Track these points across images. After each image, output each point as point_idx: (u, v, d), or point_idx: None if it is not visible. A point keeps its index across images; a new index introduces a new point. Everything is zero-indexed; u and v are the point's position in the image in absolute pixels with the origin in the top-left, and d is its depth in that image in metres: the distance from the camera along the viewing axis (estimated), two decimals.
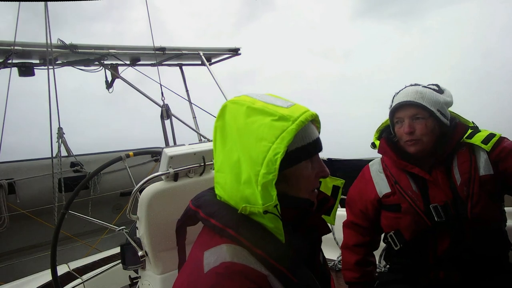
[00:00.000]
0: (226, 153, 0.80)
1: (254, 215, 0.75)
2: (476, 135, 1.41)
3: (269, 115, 0.75)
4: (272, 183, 0.71)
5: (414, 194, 1.42)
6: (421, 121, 1.37)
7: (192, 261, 0.77)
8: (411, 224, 1.42)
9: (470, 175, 1.36)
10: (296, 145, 0.76)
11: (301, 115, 0.75)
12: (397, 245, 1.49)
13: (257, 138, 0.73)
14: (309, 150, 0.79)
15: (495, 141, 1.37)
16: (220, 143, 0.83)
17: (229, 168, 0.78)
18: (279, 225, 0.73)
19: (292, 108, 0.77)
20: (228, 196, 0.79)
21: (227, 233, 0.74)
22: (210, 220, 0.77)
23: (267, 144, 0.71)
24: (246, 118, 0.76)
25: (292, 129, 0.72)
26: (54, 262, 1.65)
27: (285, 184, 0.77)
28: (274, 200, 0.71)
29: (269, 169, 0.70)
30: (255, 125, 0.75)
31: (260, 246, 0.73)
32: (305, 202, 0.83)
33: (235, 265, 0.70)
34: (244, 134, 0.76)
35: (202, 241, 0.80)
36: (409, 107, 1.39)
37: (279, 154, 0.70)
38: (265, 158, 0.71)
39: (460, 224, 1.35)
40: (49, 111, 3.56)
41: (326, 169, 0.84)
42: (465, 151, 1.40)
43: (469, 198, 1.34)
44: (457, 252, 1.37)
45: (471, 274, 1.37)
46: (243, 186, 0.74)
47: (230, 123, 0.80)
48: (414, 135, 1.38)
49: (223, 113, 0.83)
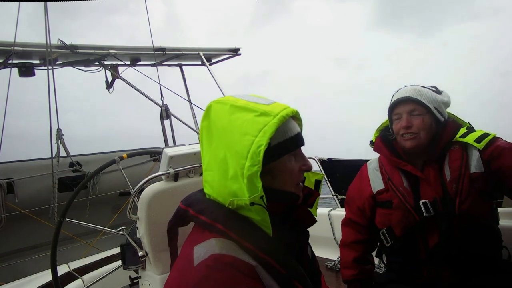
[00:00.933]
0: (212, 151, 0.83)
1: (242, 209, 0.78)
2: (470, 134, 1.43)
3: (252, 111, 0.79)
4: (257, 175, 0.74)
5: (405, 190, 1.45)
6: (419, 116, 1.41)
7: (182, 257, 0.79)
8: (401, 219, 1.44)
9: (460, 172, 1.38)
10: (278, 140, 0.80)
11: (282, 111, 0.79)
12: (388, 241, 1.52)
13: (241, 133, 0.77)
14: (291, 144, 0.83)
15: (488, 140, 1.38)
16: (207, 142, 0.86)
17: (216, 166, 0.81)
18: (265, 217, 0.76)
19: (273, 105, 0.82)
20: (217, 193, 0.81)
21: (216, 228, 0.77)
22: (200, 217, 0.80)
23: (251, 138, 0.75)
24: (230, 116, 0.80)
25: (273, 123, 0.76)
26: (54, 262, 1.65)
27: (270, 177, 0.81)
28: (260, 191, 0.74)
29: (253, 161, 0.73)
30: (238, 121, 0.79)
31: (248, 239, 0.75)
32: (290, 195, 0.86)
33: (224, 256, 0.72)
34: (229, 131, 0.79)
35: (192, 238, 0.82)
36: (407, 103, 1.43)
37: (262, 146, 0.74)
38: (249, 151, 0.74)
39: (448, 219, 1.37)
40: (49, 112, 3.57)
41: (309, 163, 0.87)
42: (458, 150, 1.42)
43: (458, 195, 1.36)
44: (446, 248, 1.38)
45: (462, 271, 1.37)
46: (230, 181, 0.77)
47: (215, 122, 0.83)
48: (411, 129, 1.41)
49: (208, 113, 0.86)
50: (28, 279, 2.27)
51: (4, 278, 3.04)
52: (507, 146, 1.36)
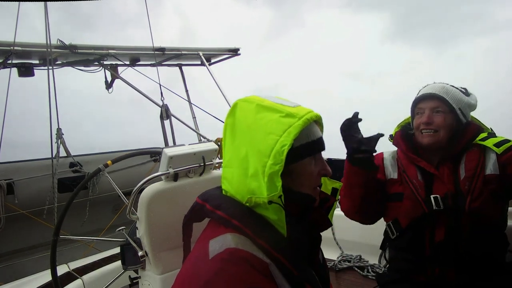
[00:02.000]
0: (235, 148, 0.85)
1: (259, 207, 0.78)
2: (490, 139, 1.43)
3: (277, 112, 0.80)
4: (278, 174, 0.75)
5: (418, 182, 1.45)
6: (441, 114, 1.41)
7: (197, 250, 0.80)
8: (410, 210, 1.44)
9: (475, 172, 1.38)
10: (301, 142, 0.81)
11: (307, 114, 0.81)
12: (394, 233, 1.51)
13: (266, 132, 0.78)
14: (313, 148, 0.85)
15: (509, 146, 1.38)
16: (230, 139, 0.87)
17: (237, 163, 0.82)
18: (282, 216, 0.77)
19: (298, 108, 0.83)
20: (235, 190, 0.82)
21: (232, 223, 0.77)
22: (216, 212, 0.81)
23: (275, 137, 0.77)
24: (255, 115, 0.82)
25: (298, 124, 0.78)
26: (54, 262, 1.64)
27: (290, 178, 0.81)
28: (279, 190, 0.75)
29: (276, 160, 0.75)
30: (264, 120, 0.80)
31: (263, 237, 0.76)
32: (307, 198, 0.87)
33: (239, 251, 0.73)
34: (254, 129, 0.81)
35: (207, 232, 0.82)
36: (431, 99, 1.43)
37: (286, 146, 0.75)
38: (273, 150, 0.76)
39: (457, 216, 1.37)
40: (49, 112, 3.57)
41: (328, 168, 0.89)
42: (476, 151, 1.42)
43: (470, 193, 1.36)
44: (452, 245, 1.37)
45: (467, 271, 1.36)
46: (250, 179, 0.78)
47: (240, 120, 0.85)
48: (431, 126, 1.41)
49: (233, 110, 0.88)
50: (28, 279, 2.26)
51: (4, 278, 3.04)
52: None
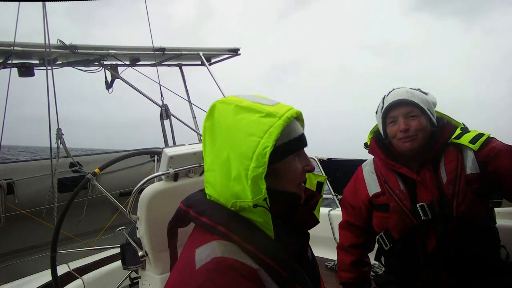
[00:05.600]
0: (215, 152, 0.83)
1: (244, 211, 0.77)
2: (464, 135, 1.42)
3: (257, 112, 0.79)
4: (261, 177, 0.74)
5: (401, 193, 1.44)
6: (415, 118, 1.41)
7: (183, 259, 0.78)
8: (398, 223, 1.44)
9: (456, 174, 1.37)
10: (283, 140, 0.80)
11: (287, 112, 0.79)
12: (387, 245, 1.51)
13: (246, 134, 0.76)
14: (295, 145, 0.83)
15: (483, 141, 1.37)
16: (210, 142, 0.86)
17: (218, 167, 0.81)
18: (268, 219, 0.76)
19: (277, 106, 0.82)
20: (218, 194, 0.81)
21: (218, 230, 0.76)
22: (201, 218, 0.79)
23: (256, 139, 0.75)
24: (234, 116, 0.80)
25: (279, 124, 0.76)
26: (54, 262, 1.65)
27: (274, 178, 0.80)
28: (263, 193, 0.73)
29: (259, 162, 0.73)
30: (243, 122, 0.78)
31: (250, 242, 0.75)
32: (293, 196, 0.86)
33: (225, 260, 0.72)
34: (233, 131, 0.79)
35: (193, 239, 0.81)
36: (403, 105, 1.43)
37: (268, 148, 0.74)
38: (255, 152, 0.74)
39: (445, 222, 1.36)
40: (48, 112, 3.56)
41: (312, 164, 0.88)
42: (453, 151, 1.42)
43: (455, 197, 1.35)
44: (444, 251, 1.37)
45: (460, 273, 1.37)
46: (233, 182, 0.77)
47: (219, 122, 0.83)
48: (409, 132, 1.40)
49: (211, 112, 0.86)
50: (28, 279, 2.27)
51: (4, 278, 3.04)
52: (503, 148, 1.36)
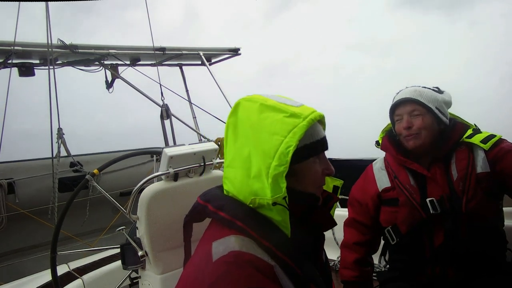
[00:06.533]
0: (237, 148, 0.83)
1: (263, 208, 0.77)
2: (476, 135, 1.44)
3: (281, 112, 0.79)
4: (282, 175, 0.74)
5: (412, 188, 1.46)
6: (419, 117, 1.43)
7: (200, 252, 0.79)
8: (407, 216, 1.45)
9: (466, 171, 1.39)
10: (305, 142, 0.81)
11: (311, 114, 0.80)
12: (394, 239, 1.52)
13: (270, 133, 0.77)
14: (317, 147, 0.84)
15: (494, 142, 1.39)
16: (232, 139, 0.86)
17: (239, 163, 0.81)
18: (286, 217, 0.76)
19: (302, 107, 0.82)
20: (237, 191, 0.81)
21: (236, 225, 0.76)
22: (219, 213, 0.80)
23: (280, 138, 0.76)
24: (259, 114, 0.81)
25: (303, 125, 0.77)
26: (54, 262, 1.64)
27: (294, 179, 0.81)
28: (283, 192, 0.74)
29: (281, 161, 0.74)
30: (268, 120, 0.79)
31: (268, 238, 0.75)
32: (311, 197, 0.86)
33: (243, 254, 0.72)
34: (257, 129, 0.80)
35: (210, 233, 0.82)
36: (407, 103, 1.45)
37: (291, 147, 0.74)
38: (277, 151, 0.75)
39: (454, 218, 1.38)
40: (50, 111, 3.57)
41: (332, 167, 0.88)
42: (464, 150, 1.44)
43: (465, 193, 1.37)
44: (452, 246, 1.38)
45: (467, 270, 1.37)
46: (253, 180, 0.77)
47: (243, 119, 0.84)
48: (411, 129, 1.43)
49: (236, 110, 0.87)
50: (28, 279, 2.26)
51: (4, 278, 3.04)
52: (511, 149, 1.38)
